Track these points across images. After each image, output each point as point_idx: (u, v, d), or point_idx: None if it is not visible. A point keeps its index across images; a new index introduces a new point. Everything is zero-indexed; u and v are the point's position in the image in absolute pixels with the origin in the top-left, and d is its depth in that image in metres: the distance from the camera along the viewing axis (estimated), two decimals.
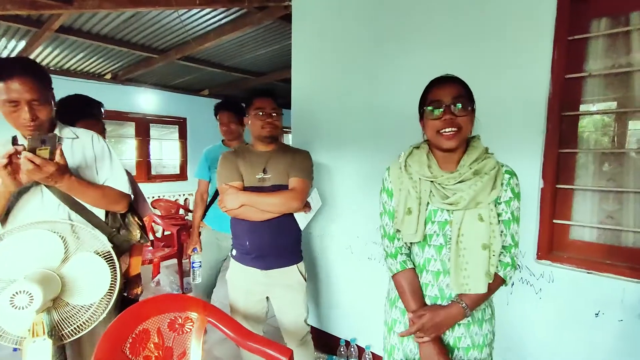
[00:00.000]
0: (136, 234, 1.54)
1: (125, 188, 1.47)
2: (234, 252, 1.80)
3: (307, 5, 2.55)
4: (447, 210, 1.11)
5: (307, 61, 2.58)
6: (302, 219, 1.77)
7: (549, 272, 1.67)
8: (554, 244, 1.70)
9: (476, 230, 1.07)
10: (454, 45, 1.88)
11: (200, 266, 2.42)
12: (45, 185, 1.29)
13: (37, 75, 1.24)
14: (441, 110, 1.07)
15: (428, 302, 1.17)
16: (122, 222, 1.50)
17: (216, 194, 2.37)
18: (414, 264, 1.21)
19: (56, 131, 1.36)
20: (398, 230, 1.19)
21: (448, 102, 1.06)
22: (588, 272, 1.57)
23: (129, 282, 1.80)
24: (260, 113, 1.69)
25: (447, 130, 1.06)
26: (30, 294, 1.06)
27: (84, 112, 1.80)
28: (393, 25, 2.11)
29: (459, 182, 1.09)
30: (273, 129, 1.70)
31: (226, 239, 2.35)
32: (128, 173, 2.02)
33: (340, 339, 2.42)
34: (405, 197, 1.15)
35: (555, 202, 1.68)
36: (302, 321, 1.81)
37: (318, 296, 2.64)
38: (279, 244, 1.71)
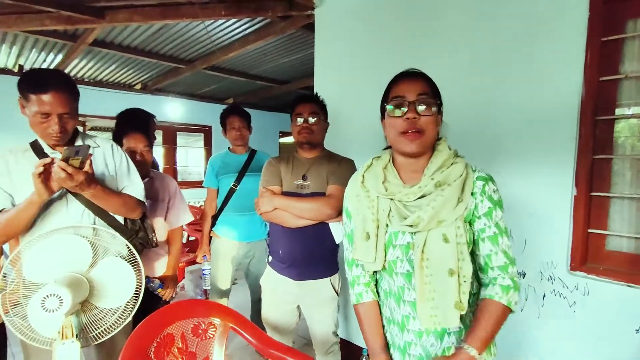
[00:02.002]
0: (152, 236, 1.57)
1: (142, 196, 1.51)
2: (270, 258, 1.78)
3: (329, 14, 2.56)
4: (410, 232, 0.97)
5: (329, 69, 2.59)
6: (338, 232, 1.65)
7: (584, 284, 1.58)
8: (588, 255, 1.61)
9: (441, 253, 0.92)
10: (483, 47, 1.83)
11: (210, 273, 2.43)
12: (70, 194, 1.34)
13: (69, 90, 1.29)
14: (404, 108, 0.94)
15: (412, 336, 1.01)
16: (141, 225, 1.54)
17: (224, 202, 2.39)
18: (378, 292, 1.10)
19: (79, 140, 1.42)
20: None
21: (412, 99, 0.94)
22: (628, 285, 1.48)
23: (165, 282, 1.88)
24: (299, 119, 1.65)
25: (410, 131, 0.94)
26: (60, 297, 1.09)
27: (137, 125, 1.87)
28: (417, 31, 2.08)
29: (420, 197, 0.95)
30: (308, 134, 1.65)
31: (235, 247, 2.36)
32: (173, 181, 2.04)
33: (363, 348, 2.37)
34: (362, 219, 1.02)
35: (590, 210, 1.60)
36: (330, 332, 1.77)
37: (343, 306, 2.60)
38: (312, 253, 1.66)
